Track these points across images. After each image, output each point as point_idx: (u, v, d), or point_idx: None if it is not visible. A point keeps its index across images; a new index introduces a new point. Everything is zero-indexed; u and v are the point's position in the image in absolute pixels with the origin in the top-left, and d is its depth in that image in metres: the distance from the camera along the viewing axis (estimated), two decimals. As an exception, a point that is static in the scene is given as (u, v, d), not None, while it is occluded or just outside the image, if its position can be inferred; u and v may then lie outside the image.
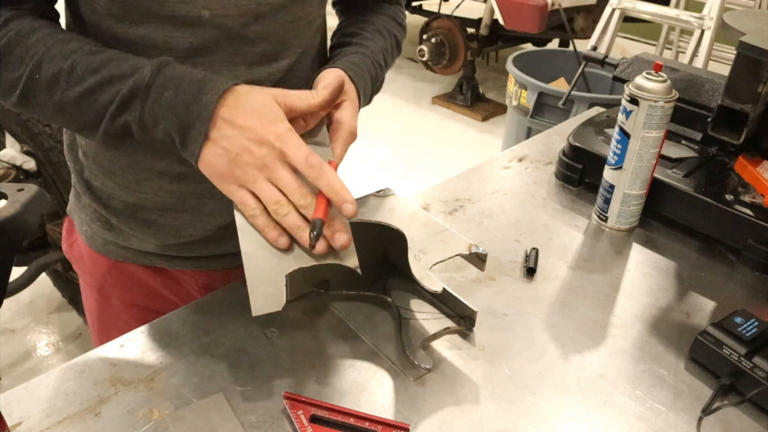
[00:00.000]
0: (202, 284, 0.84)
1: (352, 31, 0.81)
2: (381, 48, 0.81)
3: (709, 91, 0.99)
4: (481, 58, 4.08)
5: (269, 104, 0.59)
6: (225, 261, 0.82)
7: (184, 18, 0.64)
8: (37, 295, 2.21)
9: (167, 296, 0.86)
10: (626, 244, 0.90)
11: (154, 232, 0.78)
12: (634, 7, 2.61)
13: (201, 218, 0.77)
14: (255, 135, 0.57)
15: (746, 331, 0.66)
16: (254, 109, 0.58)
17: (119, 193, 0.76)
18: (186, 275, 0.84)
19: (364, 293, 0.77)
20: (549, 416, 0.62)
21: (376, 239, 0.78)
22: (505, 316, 0.75)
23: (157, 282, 0.83)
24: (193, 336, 0.69)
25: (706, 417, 0.62)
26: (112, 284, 0.85)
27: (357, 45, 0.79)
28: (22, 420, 0.59)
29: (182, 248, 0.79)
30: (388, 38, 0.83)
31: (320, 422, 0.59)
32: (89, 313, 0.92)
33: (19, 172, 1.76)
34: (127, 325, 0.84)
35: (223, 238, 0.79)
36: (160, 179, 0.74)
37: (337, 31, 0.84)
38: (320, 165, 0.58)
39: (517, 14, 3.21)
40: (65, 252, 0.90)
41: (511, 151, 1.15)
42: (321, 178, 0.58)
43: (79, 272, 0.89)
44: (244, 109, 0.58)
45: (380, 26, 0.83)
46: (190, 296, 0.85)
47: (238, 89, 0.59)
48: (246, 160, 0.57)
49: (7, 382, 1.88)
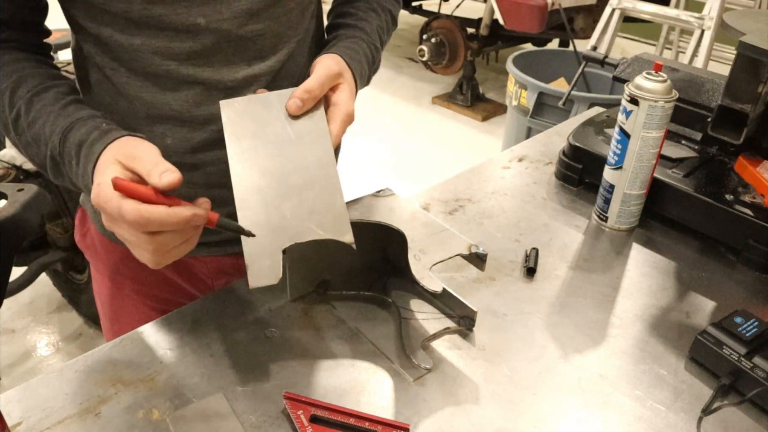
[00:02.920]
0: (213, 270, 0.85)
1: (346, 10, 0.83)
2: (376, 27, 0.82)
3: (709, 91, 0.99)
4: (481, 58, 4.08)
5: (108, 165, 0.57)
6: (236, 246, 0.82)
7: (181, 26, 0.66)
8: (37, 295, 2.21)
9: (179, 283, 0.86)
10: (626, 244, 0.90)
11: None
12: (634, 7, 2.61)
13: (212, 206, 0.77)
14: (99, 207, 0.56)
15: (746, 331, 0.66)
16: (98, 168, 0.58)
17: None
18: (197, 261, 0.85)
19: (364, 293, 0.77)
20: (549, 416, 0.62)
21: (376, 239, 0.78)
22: (505, 316, 0.75)
23: (169, 268, 0.84)
24: (193, 336, 0.69)
25: (706, 417, 0.62)
26: (124, 272, 0.85)
27: (353, 27, 0.80)
28: (22, 420, 0.59)
29: None
30: (383, 15, 0.85)
31: (320, 422, 0.59)
32: (101, 304, 0.92)
33: (19, 172, 1.76)
34: (138, 312, 0.85)
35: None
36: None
37: (332, 10, 0.86)
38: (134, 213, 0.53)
39: (517, 14, 3.21)
40: (78, 241, 0.90)
41: (511, 151, 1.15)
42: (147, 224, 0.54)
43: (92, 261, 0.89)
44: (96, 175, 0.58)
45: (374, 3, 0.85)
46: (201, 282, 0.86)
47: (106, 153, 0.59)
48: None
49: (7, 382, 1.88)
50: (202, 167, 0.76)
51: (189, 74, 0.69)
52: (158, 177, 0.54)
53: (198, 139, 0.74)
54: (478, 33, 3.65)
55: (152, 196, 0.54)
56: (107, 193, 0.54)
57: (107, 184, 0.54)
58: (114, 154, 0.58)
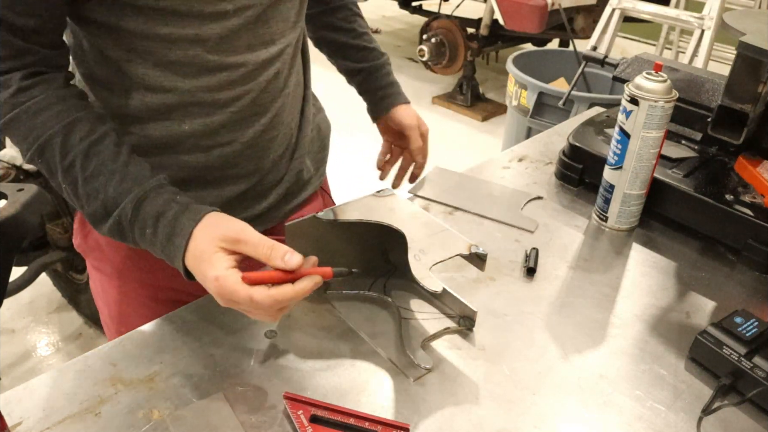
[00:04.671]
0: None
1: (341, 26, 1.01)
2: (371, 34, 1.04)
3: (709, 91, 0.99)
4: (481, 58, 4.08)
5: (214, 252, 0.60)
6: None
7: (209, 14, 0.68)
8: (37, 295, 2.21)
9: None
10: (626, 244, 0.90)
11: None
12: (634, 7, 2.61)
13: (218, 191, 0.81)
14: (206, 285, 0.60)
15: (746, 331, 0.66)
16: (203, 259, 0.60)
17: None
18: None
19: (364, 293, 0.77)
20: (549, 416, 0.62)
21: (376, 239, 0.78)
22: (505, 316, 0.75)
23: None
24: (193, 336, 0.69)
25: (706, 417, 0.62)
26: (131, 267, 0.86)
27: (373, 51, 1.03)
28: (22, 420, 0.59)
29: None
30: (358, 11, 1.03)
31: (320, 422, 0.59)
32: (107, 307, 0.93)
33: (19, 172, 1.76)
34: (145, 308, 0.86)
35: (235, 207, 0.83)
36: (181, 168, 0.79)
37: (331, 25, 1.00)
38: (269, 300, 0.58)
39: (517, 14, 3.21)
40: (78, 246, 0.90)
41: (511, 151, 1.15)
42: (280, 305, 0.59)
43: (97, 263, 0.89)
44: (197, 261, 0.61)
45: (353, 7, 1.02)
46: None
47: (199, 232, 0.61)
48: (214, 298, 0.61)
49: (7, 382, 1.88)
50: (219, 148, 0.78)
51: (214, 60, 0.72)
52: (282, 261, 0.59)
53: (216, 123, 0.76)
54: (478, 33, 3.65)
55: (276, 277, 0.58)
56: (232, 285, 0.57)
57: (228, 276, 0.58)
58: (212, 239, 0.60)
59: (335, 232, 0.75)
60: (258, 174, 0.83)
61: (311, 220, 0.71)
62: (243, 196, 0.83)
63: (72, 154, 0.64)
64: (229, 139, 0.78)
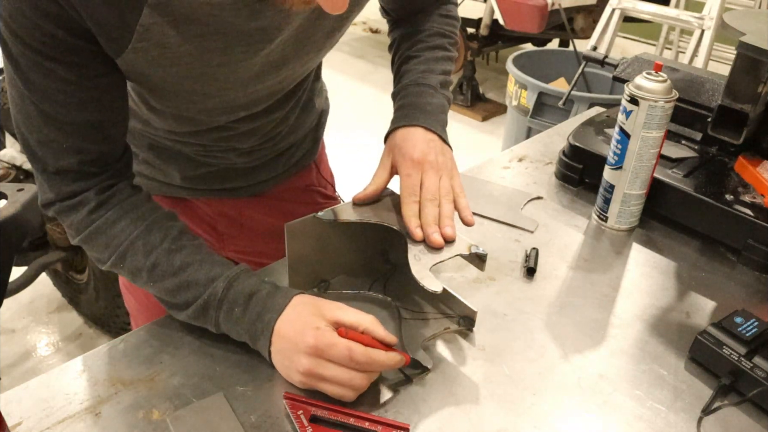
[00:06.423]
0: (215, 211, 0.96)
1: (411, 54, 0.87)
2: (441, 69, 0.86)
3: (709, 91, 0.99)
4: (481, 58, 4.08)
5: (312, 315, 0.63)
6: (236, 192, 0.95)
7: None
8: (37, 295, 2.21)
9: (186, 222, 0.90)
10: (626, 244, 0.90)
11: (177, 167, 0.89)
12: (634, 7, 2.61)
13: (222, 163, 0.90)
14: (298, 347, 0.62)
15: (746, 331, 0.66)
16: (300, 321, 0.63)
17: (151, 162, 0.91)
18: (201, 203, 0.96)
19: (364, 293, 0.77)
20: (549, 416, 0.62)
21: (376, 239, 0.78)
22: (505, 316, 0.75)
23: (178, 210, 0.86)
24: (193, 336, 0.69)
25: (706, 417, 0.62)
26: None
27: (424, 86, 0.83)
28: (22, 420, 0.59)
29: (199, 181, 0.92)
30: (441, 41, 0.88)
31: (320, 422, 0.59)
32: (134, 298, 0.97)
33: (19, 172, 1.76)
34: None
35: (233, 176, 0.92)
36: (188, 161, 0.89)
37: (396, 54, 0.90)
38: (365, 356, 0.60)
39: (517, 14, 3.21)
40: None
41: (511, 151, 1.15)
42: (371, 366, 0.61)
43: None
44: (293, 325, 0.63)
45: (434, 38, 0.88)
46: (204, 221, 0.97)
47: (293, 306, 0.65)
48: (296, 368, 0.62)
49: (7, 382, 1.88)
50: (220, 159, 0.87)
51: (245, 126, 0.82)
52: (384, 332, 0.63)
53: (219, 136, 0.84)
54: (478, 33, 3.65)
55: (370, 341, 0.61)
56: (331, 337, 0.60)
57: (327, 330, 0.61)
58: (307, 308, 0.64)
59: (335, 232, 0.75)
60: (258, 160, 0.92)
61: (311, 220, 0.71)
62: (236, 168, 0.91)
63: (155, 253, 0.66)
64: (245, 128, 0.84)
